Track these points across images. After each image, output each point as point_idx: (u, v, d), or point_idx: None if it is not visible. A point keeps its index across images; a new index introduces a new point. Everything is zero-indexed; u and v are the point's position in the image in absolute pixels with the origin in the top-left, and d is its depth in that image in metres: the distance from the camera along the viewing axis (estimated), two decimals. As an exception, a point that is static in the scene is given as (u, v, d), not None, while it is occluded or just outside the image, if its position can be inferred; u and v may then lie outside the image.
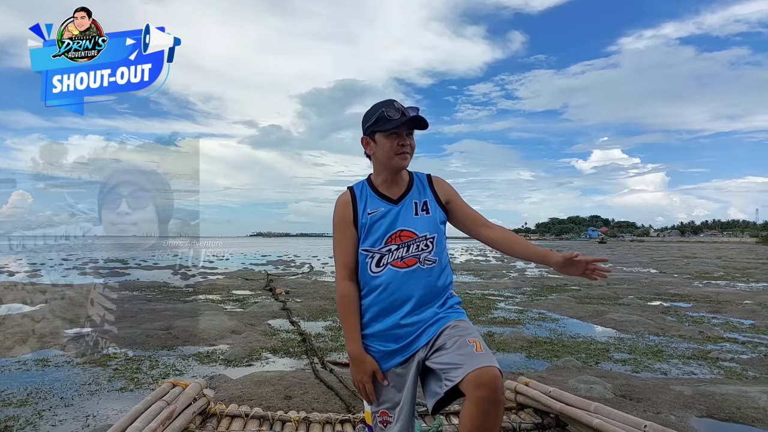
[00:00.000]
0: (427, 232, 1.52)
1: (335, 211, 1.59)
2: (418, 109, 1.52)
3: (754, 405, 3.06)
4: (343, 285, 1.55)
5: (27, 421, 2.84)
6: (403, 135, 1.51)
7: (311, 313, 6.93)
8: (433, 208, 1.57)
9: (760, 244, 71.43)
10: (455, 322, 1.49)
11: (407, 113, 1.49)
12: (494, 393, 1.29)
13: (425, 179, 1.63)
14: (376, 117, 1.50)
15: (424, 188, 1.60)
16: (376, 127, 1.51)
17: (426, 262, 1.50)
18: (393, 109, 1.49)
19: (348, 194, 1.58)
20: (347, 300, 1.54)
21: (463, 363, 1.33)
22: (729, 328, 5.91)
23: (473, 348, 1.36)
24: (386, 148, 1.51)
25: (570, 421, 2.26)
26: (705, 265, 19.02)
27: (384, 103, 1.52)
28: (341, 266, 1.56)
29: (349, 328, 1.54)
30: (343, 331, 1.58)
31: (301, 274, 14.54)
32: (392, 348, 1.49)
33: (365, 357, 1.50)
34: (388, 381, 1.50)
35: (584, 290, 10.09)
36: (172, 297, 8.59)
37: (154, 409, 2.08)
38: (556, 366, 4.17)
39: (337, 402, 3.11)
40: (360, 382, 1.51)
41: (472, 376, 1.29)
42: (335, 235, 1.57)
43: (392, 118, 1.48)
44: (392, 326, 1.49)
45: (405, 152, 1.52)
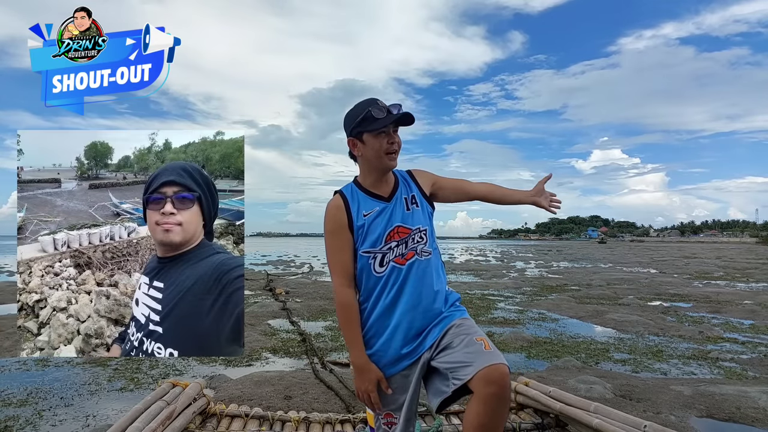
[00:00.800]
0: (420, 224, 1.54)
1: (327, 217, 1.54)
2: (401, 105, 1.51)
3: (754, 405, 3.06)
4: (344, 292, 1.51)
5: (27, 421, 2.84)
6: (391, 133, 1.51)
7: (311, 313, 6.93)
8: (421, 201, 1.58)
9: (760, 244, 71.43)
10: (459, 320, 1.49)
11: (392, 111, 1.49)
12: (503, 390, 1.29)
13: (407, 175, 1.65)
14: (362, 117, 1.48)
15: (409, 183, 1.61)
16: (363, 128, 1.49)
17: (423, 253, 1.52)
18: (378, 108, 1.48)
19: (339, 198, 1.55)
20: (348, 308, 1.51)
21: (473, 361, 1.33)
22: (729, 328, 5.91)
23: (481, 346, 1.37)
24: (376, 147, 1.49)
25: (570, 421, 2.26)
26: (705, 266, 19.03)
27: (368, 103, 1.50)
28: (340, 272, 1.52)
29: (352, 338, 1.50)
30: (346, 340, 1.55)
31: (301, 274, 14.53)
32: (403, 352, 1.47)
33: (370, 366, 1.48)
34: (395, 385, 1.49)
35: (584, 290, 10.09)
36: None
37: (154, 409, 2.08)
38: (556, 366, 4.17)
39: (337, 402, 3.11)
40: (365, 392, 1.48)
41: (482, 373, 1.29)
42: (330, 241, 1.53)
43: (379, 117, 1.47)
44: (399, 324, 1.48)
45: (394, 150, 1.52)
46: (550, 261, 23.79)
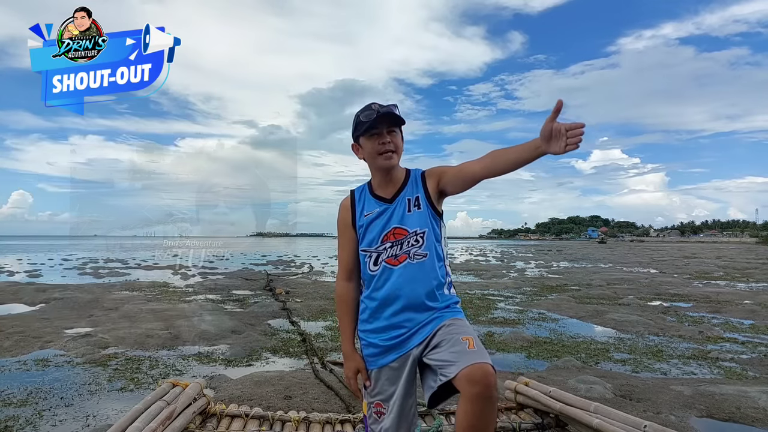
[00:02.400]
0: (418, 227, 1.54)
1: (338, 214, 1.67)
2: (395, 106, 1.55)
3: (754, 405, 3.06)
4: (341, 285, 1.66)
5: (27, 421, 2.84)
6: (383, 134, 1.54)
7: (311, 313, 6.93)
8: (424, 203, 1.58)
9: (760, 244, 71.43)
10: (450, 320, 1.51)
11: (381, 111, 1.52)
12: (487, 389, 1.30)
13: (420, 176, 1.64)
14: (356, 123, 1.58)
15: (417, 185, 1.62)
16: (358, 132, 1.57)
17: (416, 257, 1.52)
18: (368, 111, 1.53)
19: (349, 198, 1.66)
20: (343, 300, 1.65)
21: (456, 360, 1.35)
22: (729, 328, 5.91)
23: (466, 345, 1.39)
24: (369, 149, 1.57)
25: (570, 421, 2.26)
26: (705, 265, 19.02)
27: (362, 108, 1.57)
28: (341, 266, 1.66)
29: (344, 327, 1.66)
30: (340, 328, 1.69)
31: (301, 274, 14.53)
32: (389, 344, 1.53)
33: (354, 356, 1.62)
34: (384, 377, 1.56)
35: (584, 290, 10.09)
36: (172, 297, 8.59)
37: (154, 409, 2.08)
38: (556, 366, 4.17)
39: (337, 402, 3.11)
40: (347, 378, 1.66)
41: (464, 372, 1.31)
42: (338, 237, 1.66)
43: (367, 119, 1.52)
44: (388, 321, 1.54)
45: (388, 150, 1.54)
46: (550, 261, 23.79)
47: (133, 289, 9.82)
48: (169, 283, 11.10)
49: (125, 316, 6.40)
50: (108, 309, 7.05)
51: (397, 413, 1.52)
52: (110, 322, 6.00)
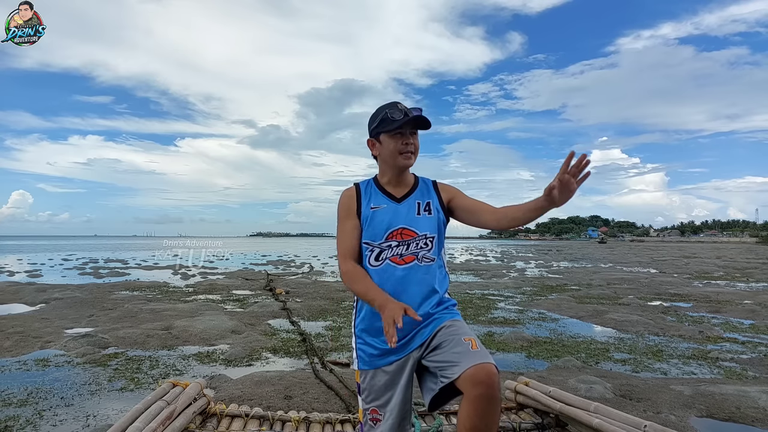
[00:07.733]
0: (428, 231, 1.56)
1: (339, 203, 1.63)
2: (421, 109, 1.56)
3: (754, 405, 3.06)
4: (347, 263, 1.54)
5: (27, 421, 2.83)
6: (407, 135, 1.55)
7: (311, 313, 6.93)
8: (435, 209, 1.60)
9: (760, 244, 71.43)
10: (450, 322, 1.50)
11: (410, 113, 1.53)
12: (491, 390, 1.29)
13: (431, 184, 1.67)
14: (380, 118, 1.56)
15: (429, 191, 1.64)
16: (381, 129, 1.56)
17: (424, 259, 1.53)
18: (396, 110, 1.53)
19: (353, 189, 1.64)
20: (354, 270, 1.51)
21: (459, 361, 1.34)
22: (729, 328, 5.91)
23: (469, 346, 1.38)
24: (390, 148, 1.56)
25: (570, 421, 2.26)
26: (705, 265, 19.02)
27: (388, 105, 1.57)
28: (343, 254, 1.56)
29: (368, 285, 1.46)
30: (361, 294, 1.49)
31: (301, 274, 14.52)
32: (387, 347, 1.47)
33: (393, 300, 1.39)
34: (381, 380, 1.51)
35: (584, 290, 10.09)
36: (172, 297, 8.59)
37: (154, 409, 2.08)
38: (556, 366, 4.17)
39: (337, 402, 3.11)
40: (390, 317, 1.30)
41: (468, 373, 1.30)
42: (339, 225, 1.61)
43: (395, 118, 1.52)
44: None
45: (409, 151, 1.56)
46: (550, 261, 23.78)
47: (133, 289, 9.82)
48: (169, 283, 11.10)
49: (125, 316, 6.40)
50: (108, 309, 7.05)
51: (394, 420, 1.49)
52: (110, 322, 6.00)
